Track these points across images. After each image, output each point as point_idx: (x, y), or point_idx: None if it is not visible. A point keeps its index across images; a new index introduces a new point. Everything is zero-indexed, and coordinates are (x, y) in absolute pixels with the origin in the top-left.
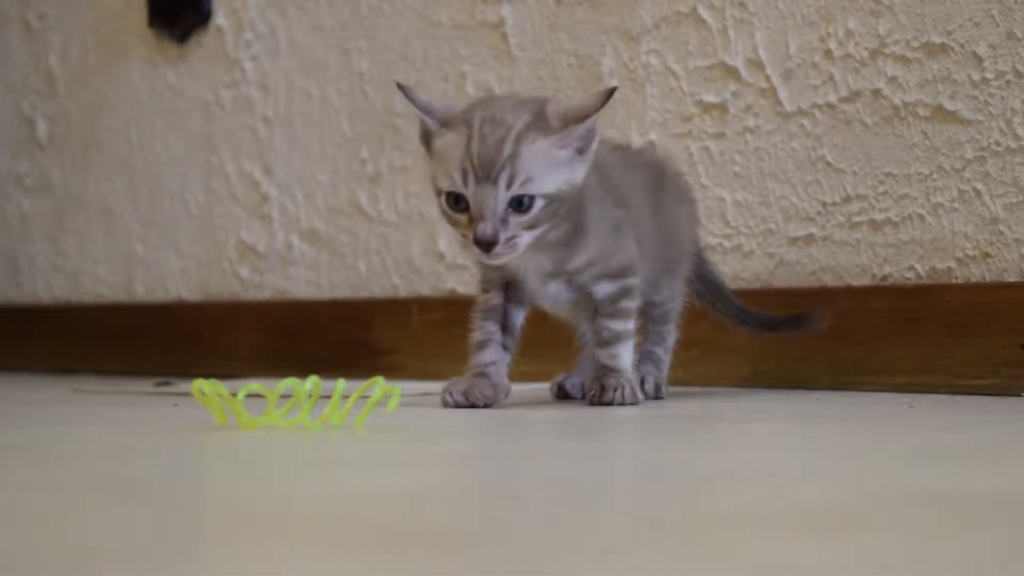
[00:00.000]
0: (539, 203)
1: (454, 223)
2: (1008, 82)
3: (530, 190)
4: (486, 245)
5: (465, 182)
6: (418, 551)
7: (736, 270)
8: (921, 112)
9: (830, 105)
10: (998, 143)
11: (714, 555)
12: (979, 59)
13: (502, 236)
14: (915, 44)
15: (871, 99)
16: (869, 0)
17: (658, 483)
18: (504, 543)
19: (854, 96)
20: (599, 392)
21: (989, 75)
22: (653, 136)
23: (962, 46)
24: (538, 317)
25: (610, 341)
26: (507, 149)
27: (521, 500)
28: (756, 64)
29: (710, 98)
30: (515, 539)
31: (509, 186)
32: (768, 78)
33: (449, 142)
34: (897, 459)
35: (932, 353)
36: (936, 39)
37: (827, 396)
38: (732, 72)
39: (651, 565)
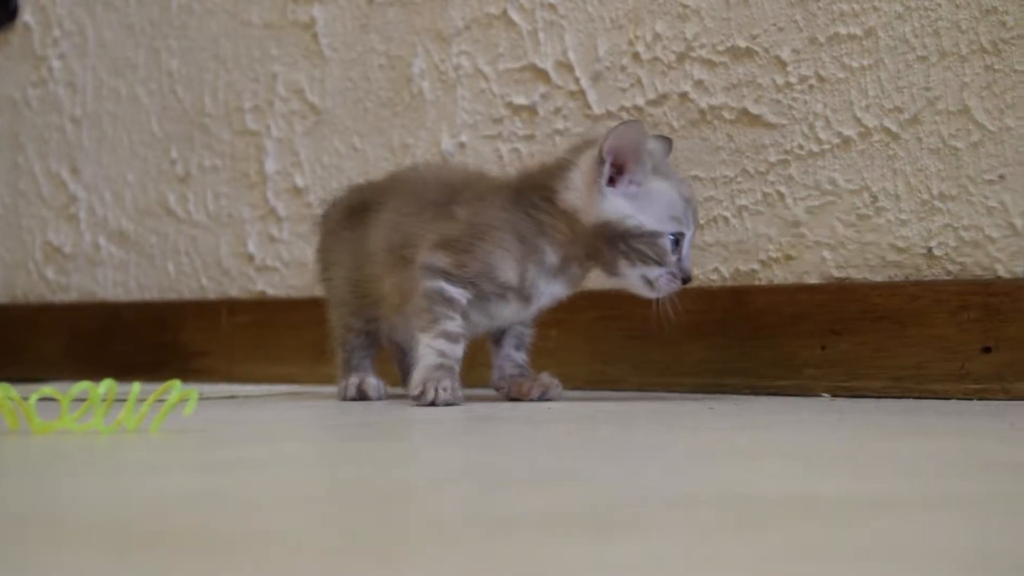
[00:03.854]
0: None
1: (668, 261)
2: (811, 86)
3: None
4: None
5: (687, 225)
6: (198, 555)
7: None
8: (726, 115)
9: (638, 108)
10: (801, 147)
11: (498, 557)
12: (783, 63)
13: None
14: (721, 48)
15: (678, 102)
16: (676, 4)
17: (450, 486)
18: (286, 547)
19: (661, 99)
20: (534, 388)
21: (793, 79)
22: (464, 138)
23: (766, 50)
24: None
25: (526, 344)
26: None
27: (309, 504)
28: (566, 67)
29: (520, 100)
30: (298, 543)
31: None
32: (577, 80)
33: (662, 188)
34: (689, 459)
35: (736, 354)
36: (741, 43)
37: (633, 397)
38: (542, 74)
39: (435, 569)
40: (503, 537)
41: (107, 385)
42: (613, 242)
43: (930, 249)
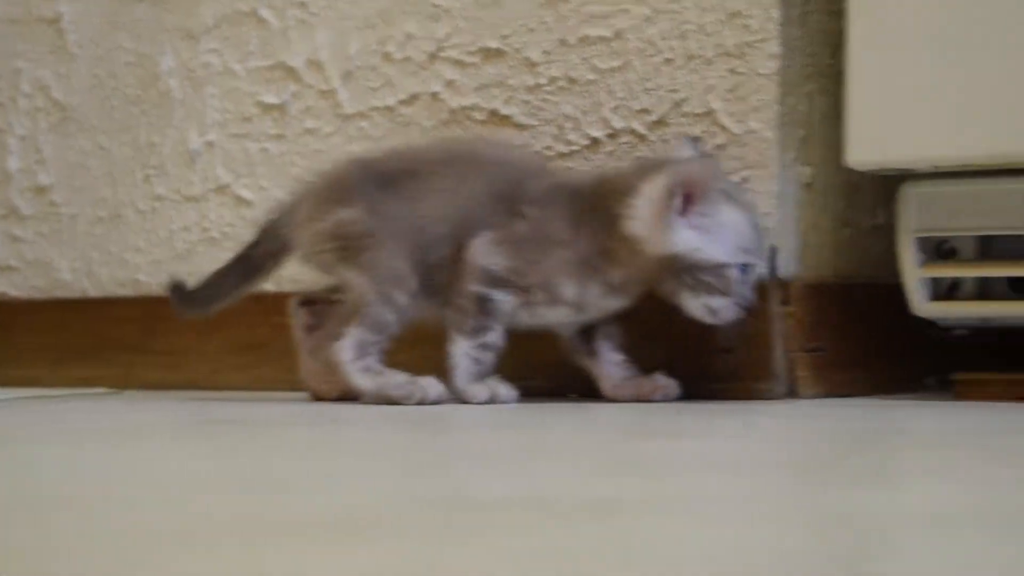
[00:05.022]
0: None
1: (734, 291)
2: (561, 88)
3: None
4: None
5: (759, 256)
6: None
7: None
8: (477, 116)
9: (389, 108)
10: (550, 148)
11: (237, 564)
12: (533, 64)
13: None
14: (472, 48)
15: (429, 102)
16: (428, 4)
17: (190, 492)
18: (26, 555)
19: (412, 99)
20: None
21: (542, 81)
22: (212, 136)
23: (517, 51)
24: None
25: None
26: None
27: (50, 511)
28: (317, 65)
29: (270, 99)
30: (38, 552)
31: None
32: (328, 79)
33: (735, 218)
34: (426, 461)
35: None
36: (492, 44)
37: None
38: (292, 73)
39: None
40: (243, 544)
41: None
42: (678, 274)
43: None
